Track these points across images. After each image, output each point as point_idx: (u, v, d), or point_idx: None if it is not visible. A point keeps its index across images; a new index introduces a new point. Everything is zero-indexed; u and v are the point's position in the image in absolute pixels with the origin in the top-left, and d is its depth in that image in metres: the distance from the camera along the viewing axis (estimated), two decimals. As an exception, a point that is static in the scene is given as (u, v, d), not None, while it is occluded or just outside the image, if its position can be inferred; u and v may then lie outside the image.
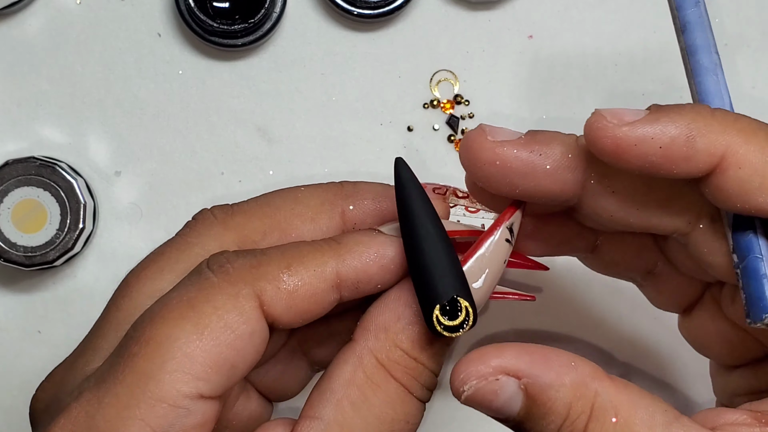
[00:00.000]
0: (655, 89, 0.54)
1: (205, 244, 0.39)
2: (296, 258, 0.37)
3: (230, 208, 0.40)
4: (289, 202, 0.40)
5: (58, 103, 0.53)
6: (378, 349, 0.37)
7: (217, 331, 0.35)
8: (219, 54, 0.53)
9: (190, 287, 0.36)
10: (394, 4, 0.52)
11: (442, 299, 0.36)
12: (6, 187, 0.51)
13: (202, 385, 0.35)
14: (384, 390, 0.37)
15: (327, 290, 0.37)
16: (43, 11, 0.53)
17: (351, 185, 0.41)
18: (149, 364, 0.34)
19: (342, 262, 0.37)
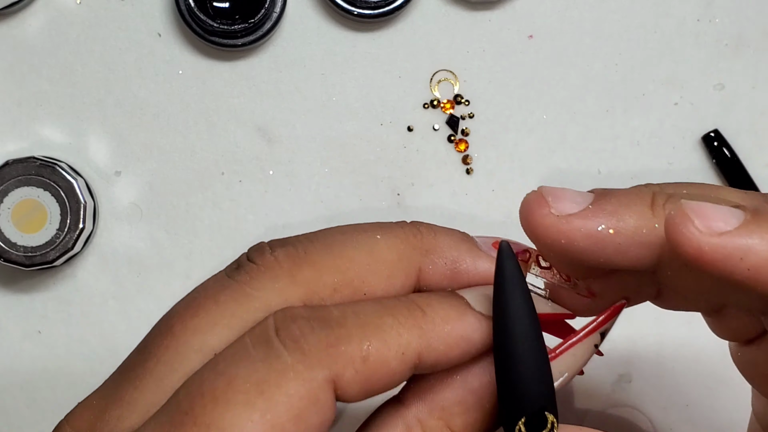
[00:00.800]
0: (656, 89, 0.54)
1: (268, 300, 0.34)
2: (377, 335, 0.33)
3: (297, 255, 0.35)
4: (363, 255, 0.35)
5: (58, 103, 0.53)
6: (429, 425, 0.35)
7: (288, 423, 0.31)
8: (219, 54, 0.53)
9: (259, 365, 0.32)
10: (394, 4, 0.52)
11: (529, 411, 0.33)
12: (6, 187, 0.51)
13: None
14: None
15: (405, 372, 0.33)
16: (43, 11, 0.53)
17: (431, 236, 0.37)
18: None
19: (426, 343, 0.33)
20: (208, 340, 0.33)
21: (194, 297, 0.35)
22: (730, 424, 0.55)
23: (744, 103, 0.54)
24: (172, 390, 0.33)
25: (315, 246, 0.35)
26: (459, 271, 0.36)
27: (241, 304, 0.34)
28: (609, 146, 0.54)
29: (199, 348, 0.33)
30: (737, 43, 0.54)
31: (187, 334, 0.34)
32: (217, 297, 0.34)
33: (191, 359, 0.33)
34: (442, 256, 0.36)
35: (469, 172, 0.54)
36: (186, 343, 0.33)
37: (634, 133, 0.54)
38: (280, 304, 0.34)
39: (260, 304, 0.34)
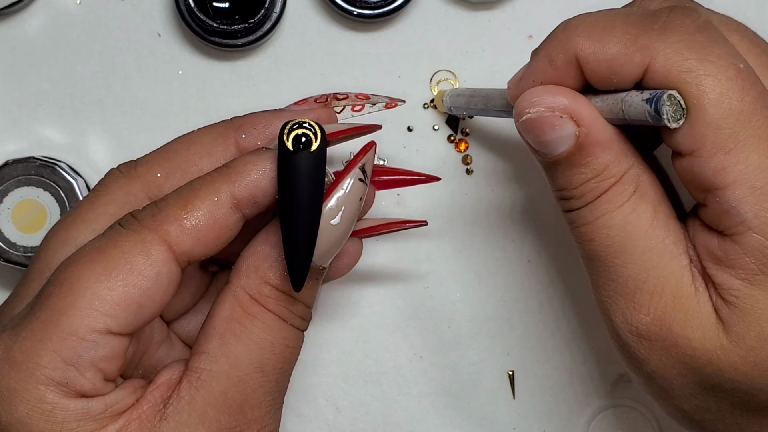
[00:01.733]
0: (655, 89, 0.54)
1: (111, 194, 0.43)
2: (191, 195, 0.40)
3: (133, 162, 0.44)
4: (184, 144, 0.44)
5: (58, 103, 0.53)
6: (250, 286, 0.42)
7: (124, 272, 0.39)
8: (219, 54, 0.53)
9: (102, 238, 0.40)
10: (394, 4, 0.52)
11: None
12: (6, 187, 0.51)
13: (110, 321, 0.38)
14: (260, 319, 0.41)
15: (227, 213, 0.41)
16: (43, 11, 0.53)
17: (240, 117, 0.45)
18: (62, 301, 0.38)
19: (234, 184, 0.41)
20: (70, 234, 0.42)
21: (66, 212, 0.45)
22: (730, 424, 0.55)
23: (744, 103, 0.54)
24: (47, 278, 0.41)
25: (148, 153, 0.44)
26: (272, 132, 0.44)
27: (92, 202, 0.43)
28: (609, 146, 0.54)
29: (64, 240, 0.42)
30: (737, 43, 0.54)
31: (56, 235, 0.43)
32: (76, 205, 0.44)
33: (58, 251, 0.42)
34: (251, 126, 0.44)
35: (469, 172, 0.54)
36: (55, 241, 0.42)
37: (634, 133, 0.54)
38: (123, 195, 0.43)
39: (107, 199, 0.43)
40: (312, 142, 0.40)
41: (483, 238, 0.54)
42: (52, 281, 0.39)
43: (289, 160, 0.40)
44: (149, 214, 0.40)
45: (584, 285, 0.55)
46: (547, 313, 0.54)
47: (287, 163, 0.40)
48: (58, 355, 0.38)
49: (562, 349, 0.55)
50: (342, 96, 0.47)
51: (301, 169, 0.40)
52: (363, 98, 0.47)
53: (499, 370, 0.55)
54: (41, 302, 0.39)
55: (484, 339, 0.54)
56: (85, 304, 0.38)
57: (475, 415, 0.55)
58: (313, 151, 0.40)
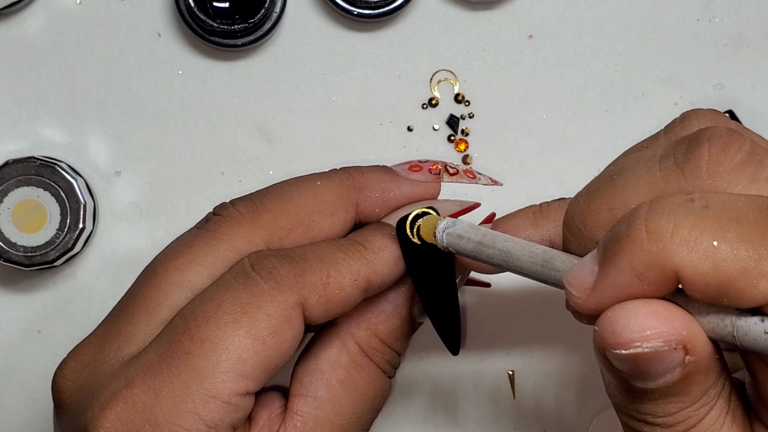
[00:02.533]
0: (655, 89, 0.54)
1: (234, 241, 0.41)
2: (333, 267, 0.40)
3: (255, 205, 0.43)
4: (309, 199, 0.43)
5: (58, 103, 0.53)
6: (360, 336, 0.42)
7: (268, 337, 0.38)
8: (219, 54, 0.53)
9: (241, 292, 0.39)
10: (394, 4, 0.52)
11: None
12: (6, 187, 0.51)
13: (250, 384, 0.38)
14: (366, 371, 0.42)
15: (358, 295, 0.41)
16: (43, 11, 0.53)
17: (360, 176, 0.45)
18: (205, 363, 0.38)
19: (372, 270, 0.41)
20: (186, 276, 0.41)
21: (172, 246, 0.42)
22: (730, 423, 0.55)
23: (744, 103, 0.54)
24: (161, 321, 0.40)
25: (269, 197, 0.43)
26: (388, 198, 0.44)
27: (212, 246, 0.41)
28: (609, 146, 0.54)
29: (179, 284, 0.40)
30: (737, 43, 0.54)
31: (168, 274, 0.41)
32: (191, 243, 0.41)
33: (174, 294, 0.40)
34: (373, 190, 0.44)
35: (469, 172, 0.54)
36: (168, 281, 0.40)
37: (634, 133, 0.54)
38: (245, 244, 0.41)
39: (228, 245, 0.41)
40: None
41: (483, 238, 0.54)
42: (190, 337, 0.38)
43: (419, 251, 0.41)
44: (293, 272, 0.40)
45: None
46: (547, 313, 0.54)
47: (418, 255, 0.41)
48: (200, 417, 0.37)
49: (562, 349, 0.55)
50: (453, 170, 0.47)
51: (433, 258, 0.41)
52: (470, 176, 0.48)
53: (499, 370, 0.55)
54: (179, 359, 0.38)
55: (484, 339, 0.54)
56: (230, 367, 0.38)
57: (475, 415, 0.55)
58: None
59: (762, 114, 0.54)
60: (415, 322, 0.44)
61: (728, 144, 0.33)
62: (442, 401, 0.55)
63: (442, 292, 0.42)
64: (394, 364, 0.44)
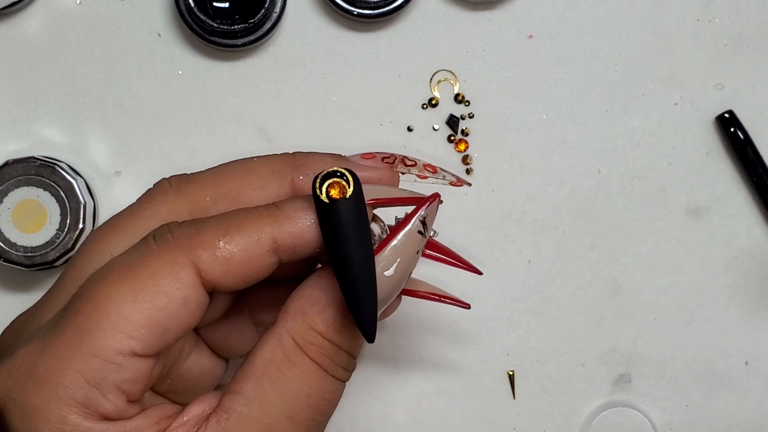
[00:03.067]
0: (655, 89, 0.54)
1: (155, 209, 0.42)
2: (233, 226, 0.39)
3: (186, 177, 0.43)
4: (240, 172, 0.42)
5: (58, 103, 0.53)
6: (295, 330, 0.40)
7: (151, 294, 0.38)
8: (219, 54, 0.53)
9: (133, 254, 0.39)
10: (394, 4, 0.52)
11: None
12: (6, 187, 0.51)
13: (135, 344, 0.37)
14: (299, 368, 0.39)
15: (263, 255, 0.39)
16: (43, 11, 0.53)
17: (303, 155, 0.43)
18: (87, 320, 0.37)
19: (279, 227, 0.39)
20: (107, 244, 0.41)
21: (108, 219, 0.43)
22: (730, 424, 0.55)
23: (744, 103, 0.54)
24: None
25: (202, 171, 0.43)
26: None
27: (135, 214, 0.42)
28: (609, 146, 0.54)
29: (100, 251, 0.41)
30: (737, 43, 0.54)
31: (94, 242, 0.42)
32: (120, 213, 0.42)
33: (95, 261, 0.41)
34: (311, 167, 0.42)
35: (469, 172, 0.54)
36: (91, 249, 0.41)
37: (634, 133, 0.54)
38: (167, 212, 0.41)
39: (150, 213, 0.42)
40: (346, 189, 0.39)
41: (483, 238, 0.54)
42: (80, 296, 0.38)
43: (328, 211, 0.38)
44: (186, 233, 0.39)
45: (584, 285, 0.55)
46: (547, 313, 0.54)
47: (327, 215, 0.38)
48: (81, 375, 0.37)
49: (562, 349, 0.55)
50: (411, 162, 0.44)
51: (342, 219, 0.38)
52: (430, 170, 0.45)
53: (499, 370, 0.55)
54: (67, 317, 0.38)
55: (484, 339, 0.54)
56: (110, 324, 0.37)
57: (475, 415, 0.55)
58: (348, 198, 0.38)
59: (762, 114, 0.54)
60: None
61: None
62: (442, 401, 0.55)
63: (356, 264, 0.38)
64: (340, 363, 0.40)
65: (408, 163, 0.44)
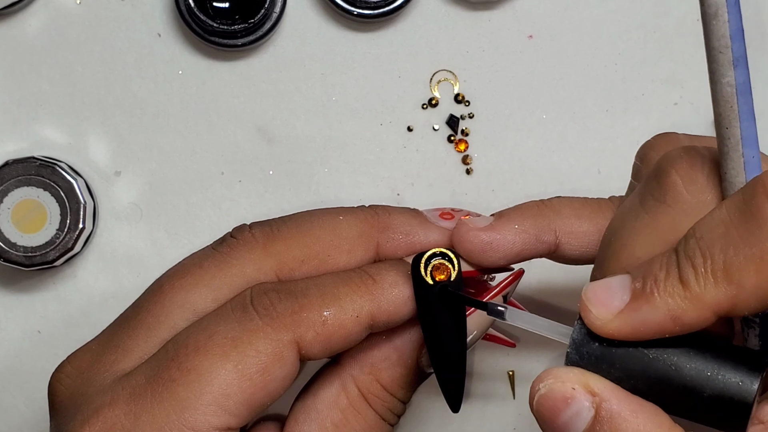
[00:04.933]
0: (655, 89, 0.54)
1: (244, 267, 0.41)
2: (334, 301, 0.39)
3: (271, 232, 0.41)
4: (328, 233, 0.42)
5: (58, 103, 0.53)
6: (361, 380, 0.40)
7: (256, 374, 0.38)
8: (219, 54, 0.53)
9: (234, 324, 0.38)
10: (394, 4, 0.52)
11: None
12: (6, 187, 0.51)
13: (232, 420, 0.38)
14: (363, 416, 0.40)
15: (361, 331, 0.39)
16: (43, 11, 0.53)
17: (386, 215, 0.42)
18: (188, 393, 0.37)
19: (377, 304, 0.39)
20: (190, 297, 0.40)
21: (183, 264, 0.41)
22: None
23: (744, 103, 0.54)
24: (160, 340, 0.39)
25: (287, 225, 0.42)
26: (413, 242, 0.42)
27: (221, 269, 0.40)
28: (609, 146, 0.54)
29: (182, 304, 0.40)
30: (737, 43, 0.54)
31: (173, 292, 0.40)
32: (201, 263, 0.41)
33: (176, 313, 0.40)
34: (397, 231, 0.42)
35: (469, 172, 0.54)
36: (172, 300, 0.40)
37: (634, 133, 0.54)
38: (254, 271, 0.40)
39: (237, 270, 0.40)
40: (450, 273, 0.39)
41: (483, 238, 0.54)
42: (178, 365, 0.38)
43: (430, 292, 0.39)
44: (290, 308, 0.38)
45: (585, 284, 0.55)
46: (547, 314, 0.54)
47: (428, 295, 0.39)
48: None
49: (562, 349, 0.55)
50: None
51: (444, 302, 0.39)
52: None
53: (499, 370, 0.55)
54: (163, 385, 0.37)
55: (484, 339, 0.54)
56: (212, 401, 0.37)
57: (475, 415, 0.55)
58: (453, 281, 0.39)
59: (762, 114, 0.54)
60: (423, 372, 0.42)
61: (692, 162, 0.35)
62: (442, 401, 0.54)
63: (450, 343, 0.40)
64: (396, 412, 0.42)
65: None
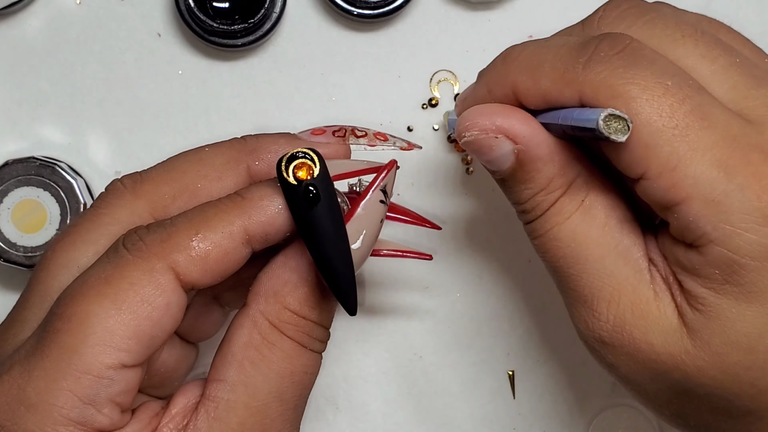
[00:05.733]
0: (655, 89, 0.54)
1: (115, 214, 0.41)
2: (203, 223, 0.39)
3: (138, 176, 0.42)
4: (194, 165, 0.42)
5: (58, 103, 0.53)
6: (269, 312, 0.40)
7: (135, 305, 0.38)
8: (219, 54, 0.53)
9: (107, 265, 0.39)
10: (394, 4, 0.52)
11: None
12: (6, 187, 0.51)
13: (124, 356, 0.38)
14: (279, 347, 0.40)
15: (238, 248, 0.39)
16: (43, 11, 0.53)
17: (254, 139, 0.43)
18: (72, 339, 0.37)
19: (248, 218, 0.39)
20: (71, 255, 0.41)
21: (64, 229, 0.43)
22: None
23: (744, 103, 0.54)
24: (52, 303, 0.40)
25: (154, 168, 0.42)
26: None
27: (94, 221, 0.41)
28: (609, 146, 0.54)
29: (65, 264, 0.41)
30: (737, 43, 0.54)
31: (56, 255, 0.41)
32: (77, 222, 0.42)
33: (61, 274, 0.40)
34: (266, 151, 0.43)
35: (469, 172, 0.54)
36: (55, 262, 0.41)
37: (634, 133, 0.54)
38: (127, 215, 0.41)
39: (110, 219, 0.41)
40: (313, 169, 0.39)
41: (483, 238, 0.54)
42: (59, 315, 0.38)
43: (297, 193, 0.39)
44: (158, 238, 0.39)
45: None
46: (547, 313, 0.55)
47: (297, 197, 0.39)
48: (74, 394, 0.37)
49: (562, 349, 0.55)
50: (360, 133, 0.45)
51: (314, 200, 0.39)
52: (381, 138, 0.46)
53: (499, 370, 0.55)
54: (50, 338, 0.38)
55: (484, 339, 0.54)
56: (98, 340, 0.37)
57: (475, 415, 0.55)
58: (316, 177, 0.39)
59: (762, 114, 0.54)
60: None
61: (618, 3, 0.42)
62: (442, 401, 0.55)
63: (332, 243, 0.39)
64: (316, 336, 0.41)
65: (358, 134, 0.45)
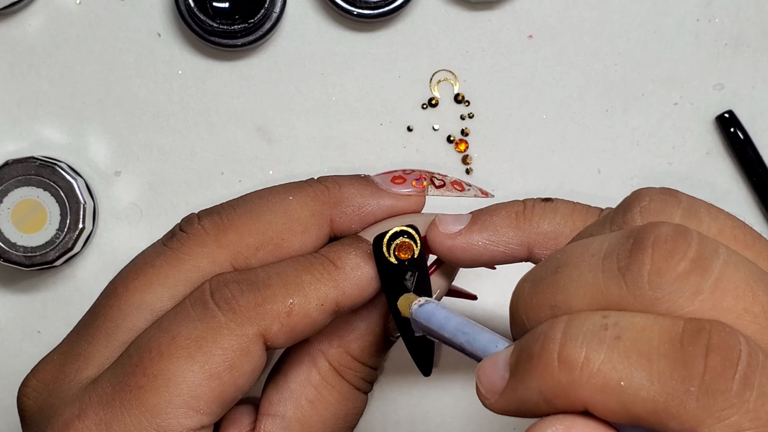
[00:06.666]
0: (655, 89, 0.54)
1: (196, 261, 0.40)
2: (298, 290, 0.38)
3: (221, 222, 0.41)
4: (280, 217, 0.41)
5: (58, 103, 0.53)
6: (331, 354, 0.41)
7: (224, 373, 0.37)
8: (219, 54, 0.53)
9: (197, 324, 0.38)
10: (394, 4, 0.52)
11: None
12: (6, 187, 0.51)
13: (205, 419, 0.37)
14: (338, 390, 0.41)
15: (326, 319, 0.39)
16: (43, 11, 0.53)
17: (336, 189, 0.42)
18: (157, 399, 0.37)
19: (342, 292, 0.39)
20: (146, 298, 0.39)
21: (134, 263, 0.41)
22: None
23: (744, 103, 0.54)
24: (120, 343, 0.39)
25: (237, 212, 0.41)
26: (367, 214, 0.42)
27: (174, 266, 0.40)
28: (609, 146, 0.54)
29: (138, 305, 0.39)
30: (736, 43, 0.54)
31: (128, 294, 0.39)
32: (153, 262, 0.40)
33: (133, 315, 0.39)
34: (349, 205, 0.42)
35: (469, 172, 0.54)
36: (127, 302, 0.39)
37: (634, 133, 0.54)
38: (208, 264, 0.40)
39: (191, 266, 0.40)
40: (414, 250, 0.40)
41: (483, 238, 0.54)
42: (143, 371, 0.37)
43: (395, 271, 0.40)
44: (252, 301, 0.38)
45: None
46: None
47: (393, 274, 0.40)
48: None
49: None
50: (439, 182, 0.45)
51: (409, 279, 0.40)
52: (458, 188, 0.45)
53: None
54: (132, 394, 0.37)
55: (484, 339, 0.54)
56: (183, 404, 0.37)
57: (476, 415, 0.55)
58: (416, 258, 0.40)
59: (762, 114, 0.54)
60: (391, 338, 0.42)
61: (672, 251, 0.30)
62: (442, 401, 0.55)
63: None
64: (369, 380, 0.42)
65: (437, 184, 0.44)
